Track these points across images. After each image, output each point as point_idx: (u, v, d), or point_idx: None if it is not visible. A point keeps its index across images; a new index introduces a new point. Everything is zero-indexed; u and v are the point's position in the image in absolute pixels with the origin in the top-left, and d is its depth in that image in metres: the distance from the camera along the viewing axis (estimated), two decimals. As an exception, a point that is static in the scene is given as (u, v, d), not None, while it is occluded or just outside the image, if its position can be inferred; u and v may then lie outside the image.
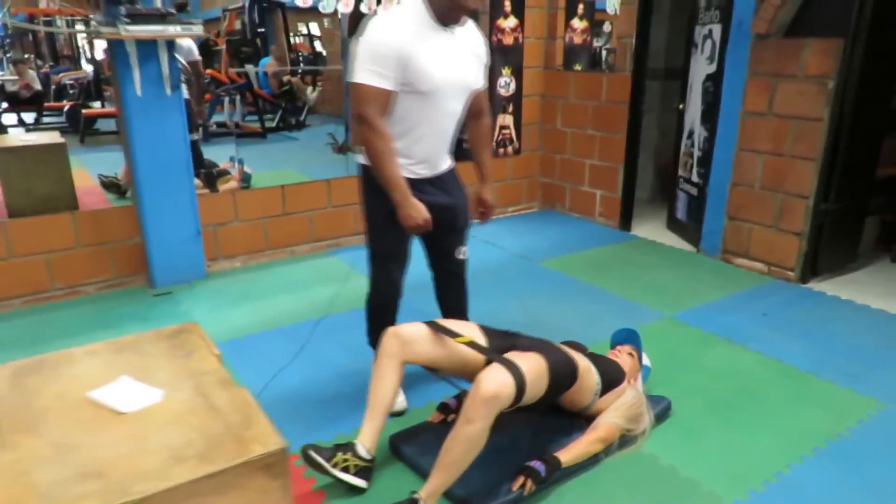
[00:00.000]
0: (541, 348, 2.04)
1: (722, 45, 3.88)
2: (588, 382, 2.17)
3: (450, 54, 2.11)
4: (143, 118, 3.35)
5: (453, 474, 1.80)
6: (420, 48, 2.03)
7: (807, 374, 2.70)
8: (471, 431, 1.76)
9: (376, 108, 2.03)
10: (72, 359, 1.66)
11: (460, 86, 2.19)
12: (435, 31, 2.07)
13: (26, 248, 3.36)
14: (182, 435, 1.33)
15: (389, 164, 2.07)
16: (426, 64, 2.04)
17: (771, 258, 3.82)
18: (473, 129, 2.43)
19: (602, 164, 4.76)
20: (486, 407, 1.75)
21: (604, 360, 2.33)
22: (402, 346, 2.03)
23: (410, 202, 2.11)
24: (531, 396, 1.90)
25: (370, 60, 1.99)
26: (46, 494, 1.16)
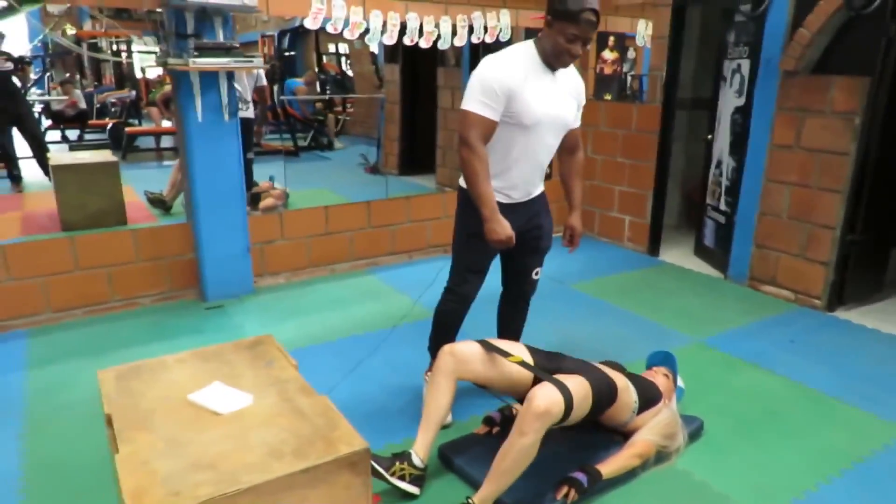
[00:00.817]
0: (584, 370, 2.20)
1: (751, 80, 4.04)
2: (626, 400, 2.31)
3: (551, 94, 2.33)
4: (202, 142, 3.58)
5: (505, 483, 1.95)
6: (526, 86, 2.25)
7: (832, 398, 2.81)
8: (523, 443, 1.91)
9: (479, 133, 2.26)
10: (165, 365, 1.84)
11: (558, 123, 2.40)
12: (541, 72, 2.29)
13: (90, 262, 3.58)
14: (275, 435, 1.50)
15: (483, 182, 2.28)
16: (530, 101, 2.27)
17: (798, 286, 3.93)
18: (566, 162, 2.66)
19: (631, 191, 4.92)
20: (539, 421, 1.90)
21: (642, 379, 2.47)
22: (457, 364, 2.19)
23: (497, 218, 2.30)
24: (577, 415, 2.05)
25: (480, 92, 2.22)
26: (167, 481, 1.33)
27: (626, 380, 2.36)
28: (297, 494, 1.39)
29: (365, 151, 8.28)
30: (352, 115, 10.87)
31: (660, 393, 2.43)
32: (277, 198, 5.56)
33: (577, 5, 2.11)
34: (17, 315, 3.44)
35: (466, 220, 2.49)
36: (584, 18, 2.12)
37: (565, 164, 2.68)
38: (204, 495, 1.29)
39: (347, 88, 11.30)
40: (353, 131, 10.79)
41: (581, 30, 2.15)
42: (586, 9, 2.11)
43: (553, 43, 2.21)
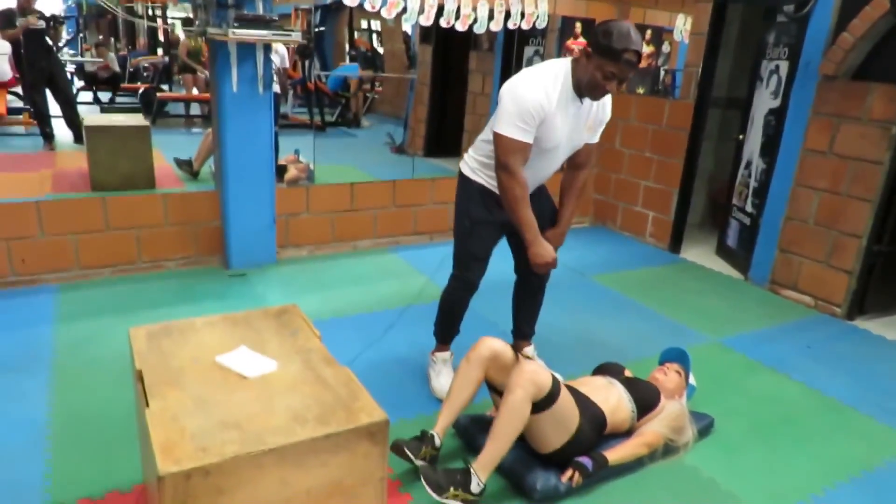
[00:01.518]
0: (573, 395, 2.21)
1: (788, 82, 3.99)
2: (620, 416, 2.33)
3: (576, 122, 2.35)
4: (236, 113, 3.62)
5: (502, 445, 1.98)
6: (557, 114, 2.27)
7: (848, 407, 2.81)
8: (513, 399, 1.96)
9: (520, 158, 2.28)
10: (195, 327, 1.90)
11: (573, 143, 2.43)
12: (571, 99, 2.29)
13: (120, 223, 3.66)
14: (300, 401, 1.55)
15: (525, 208, 2.32)
16: (556, 129, 2.29)
17: (819, 293, 3.91)
18: (569, 176, 2.63)
19: (657, 187, 4.90)
20: (525, 378, 1.96)
21: (639, 384, 2.47)
22: (493, 360, 2.22)
23: (540, 241, 2.36)
24: (562, 420, 2.08)
25: (518, 117, 2.22)
26: (195, 437, 1.39)
27: (619, 393, 2.37)
28: (318, 459, 1.44)
29: (392, 131, 8.29)
30: (380, 93, 10.86)
31: (658, 394, 2.44)
32: (301, 171, 5.60)
33: (621, 44, 2.08)
34: (48, 270, 3.53)
35: (469, 208, 2.51)
36: (625, 59, 2.10)
37: (567, 177, 2.64)
38: (230, 453, 1.34)
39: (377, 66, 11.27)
40: (381, 110, 10.79)
41: (620, 69, 2.13)
42: (630, 49, 2.09)
43: (590, 76, 2.19)
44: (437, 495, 1.92)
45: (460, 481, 1.95)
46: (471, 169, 2.54)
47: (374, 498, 1.56)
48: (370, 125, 9.56)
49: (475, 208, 2.51)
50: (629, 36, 2.09)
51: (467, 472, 1.97)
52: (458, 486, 1.94)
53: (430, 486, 1.91)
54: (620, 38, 2.08)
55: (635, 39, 2.10)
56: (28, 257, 3.47)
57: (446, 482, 1.93)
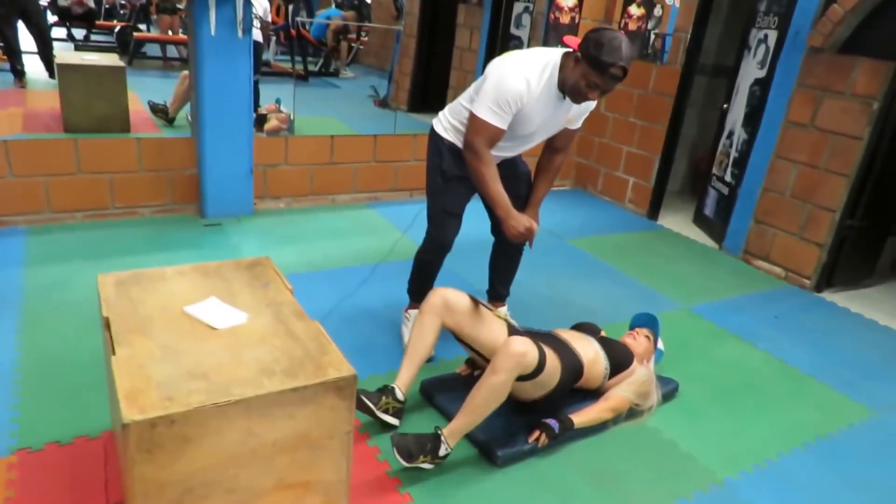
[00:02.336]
0: (555, 349, 2.23)
1: (775, 53, 3.96)
2: (595, 371, 2.36)
3: (556, 115, 2.35)
4: (213, 57, 3.52)
5: (475, 419, 2.01)
6: (535, 106, 2.27)
7: (807, 375, 2.90)
8: (495, 381, 1.97)
9: (487, 140, 2.30)
10: (165, 276, 1.88)
11: (550, 131, 2.45)
12: (554, 96, 2.29)
13: (93, 167, 3.57)
14: (268, 353, 1.55)
15: (494, 184, 2.35)
16: (533, 118, 2.31)
17: (790, 264, 3.97)
18: (545, 159, 2.63)
19: (639, 153, 4.89)
20: (512, 360, 1.96)
21: (614, 344, 2.51)
22: (446, 308, 2.24)
23: (512, 214, 2.37)
24: (544, 382, 2.10)
25: (495, 101, 2.22)
26: (161, 386, 1.39)
27: (596, 348, 2.40)
28: (285, 411, 1.45)
29: (376, 83, 8.14)
30: (366, 44, 10.61)
31: (631, 356, 2.49)
32: (282, 121, 5.50)
33: (609, 58, 2.05)
34: (17, 212, 3.45)
35: (441, 164, 2.50)
36: (611, 73, 2.08)
37: (544, 159, 2.64)
38: (195, 403, 1.35)
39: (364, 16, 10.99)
40: (366, 61, 10.57)
41: (605, 82, 2.12)
42: (617, 65, 2.06)
43: (574, 82, 2.18)
44: (408, 463, 1.94)
45: (430, 449, 1.97)
46: (443, 128, 2.52)
47: (340, 451, 1.58)
48: (354, 76, 9.38)
49: (447, 164, 2.50)
50: (619, 50, 2.06)
51: (437, 438, 1.99)
52: (427, 454, 1.97)
53: (402, 455, 1.93)
54: (611, 52, 2.05)
55: (626, 55, 2.07)
56: (-4, 198, 3.39)
57: (417, 451, 1.96)
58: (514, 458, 2.13)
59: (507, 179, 2.50)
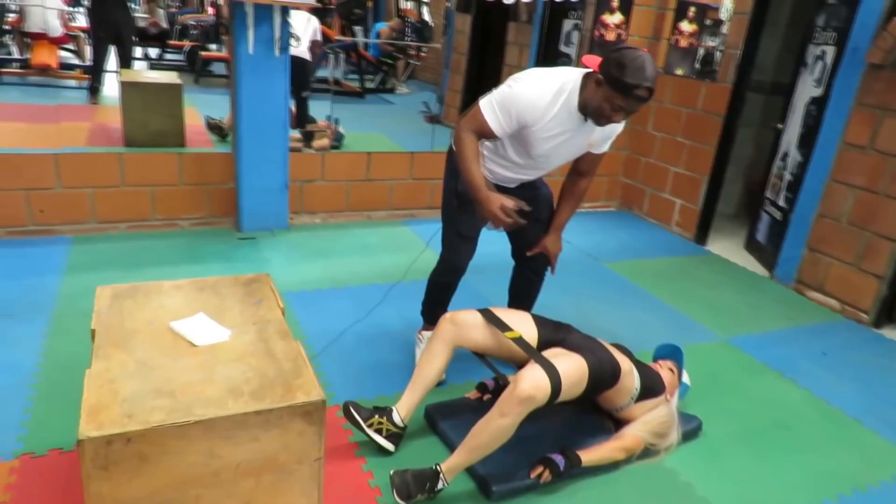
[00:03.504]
0: (588, 348, 2.13)
1: (833, 70, 3.72)
2: (627, 385, 2.23)
3: (571, 134, 2.22)
4: (251, 74, 3.61)
5: (476, 457, 1.94)
6: (548, 124, 2.16)
7: (852, 419, 2.66)
8: (501, 424, 1.88)
9: (474, 128, 2.21)
10: (161, 290, 1.90)
11: (570, 155, 2.35)
12: (572, 119, 2.17)
13: (136, 179, 3.72)
14: (242, 373, 1.53)
15: (473, 167, 2.21)
16: (545, 140, 2.21)
17: (846, 297, 3.69)
18: (569, 184, 2.54)
19: (686, 174, 4.69)
20: (520, 406, 1.87)
21: (647, 368, 2.38)
22: (457, 331, 2.17)
23: (489, 198, 2.21)
24: (568, 397, 2.00)
25: (499, 106, 2.15)
26: (125, 402, 1.39)
27: (631, 364, 2.28)
28: (249, 434, 1.43)
29: (429, 99, 8.18)
30: (424, 59, 10.71)
31: (662, 386, 2.35)
32: (329, 136, 5.59)
33: (633, 79, 1.95)
34: (64, 221, 3.62)
35: (457, 186, 2.42)
36: (635, 95, 1.97)
37: (568, 182, 2.55)
38: (155, 421, 1.34)
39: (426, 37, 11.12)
40: (423, 77, 10.67)
41: (629, 104, 2.01)
42: (643, 86, 1.96)
43: (597, 105, 2.07)
44: (406, 503, 1.89)
45: (429, 487, 1.90)
46: None
47: (310, 477, 1.54)
48: (409, 92, 9.47)
49: (463, 186, 2.41)
50: (643, 71, 1.95)
51: (436, 475, 1.92)
52: (425, 492, 1.90)
53: (401, 496, 1.87)
54: (634, 73, 1.94)
55: (649, 75, 1.96)
56: (46, 208, 3.57)
57: (416, 490, 1.89)
58: (510, 493, 2.03)
59: (529, 202, 2.43)
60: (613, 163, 5.16)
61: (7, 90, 7.14)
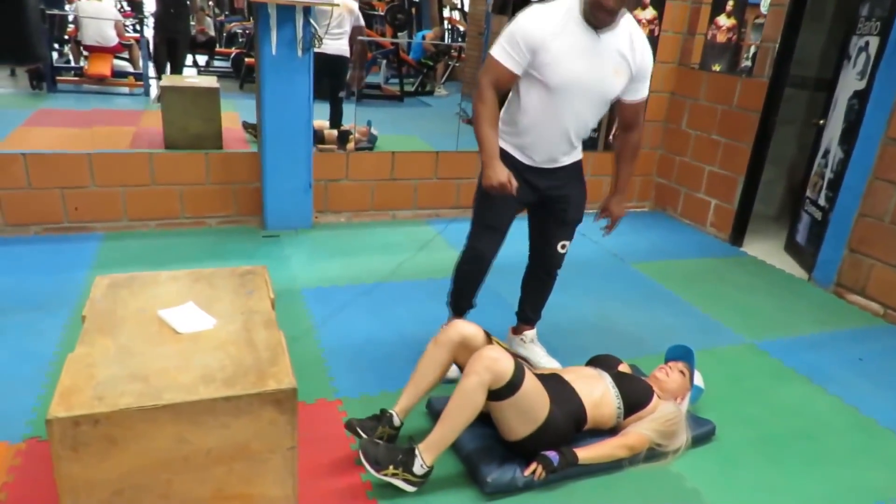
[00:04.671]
0: (556, 399, 2.06)
1: (876, 61, 3.53)
2: (603, 412, 2.19)
3: (588, 56, 2.13)
4: (274, 75, 3.67)
5: (449, 429, 1.90)
6: (556, 42, 2.09)
7: (884, 429, 2.49)
8: (466, 384, 1.86)
9: (491, 78, 2.17)
10: (157, 280, 1.94)
11: (593, 90, 2.20)
12: (581, 30, 2.11)
13: (165, 179, 3.83)
14: (218, 360, 1.54)
15: (485, 126, 2.18)
16: (559, 58, 2.11)
17: (889, 300, 3.48)
18: (619, 140, 2.48)
19: (721, 173, 4.52)
20: (482, 364, 1.86)
21: (631, 381, 2.29)
22: (461, 345, 2.13)
23: (493, 164, 2.17)
24: (527, 410, 1.96)
25: (506, 40, 2.14)
26: (99, 385, 1.41)
27: (604, 387, 2.22)
28: (218, 420, 1.43)
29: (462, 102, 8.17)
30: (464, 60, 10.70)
31: (651, 394, 2.26)
32: (362, 134, 5.62)
33: None
34: (97, 219, 3.76)
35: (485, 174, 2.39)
36: None
37: (618, 142, 2.50)
38: (123, 404, 1.36)
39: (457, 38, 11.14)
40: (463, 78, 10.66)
41: None
42: None
43: None
44: (375, 472, 1.87)
45: (402, 460, 1.88)
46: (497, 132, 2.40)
47: (283, 466, 1.53)
48: (447, 94, 9.48)
49: None
50: None
51: (411, 452, 1.90)
52: (398, 465, 1.88)
53: (369, 461, 1.86)
54: None
55: None
56: (80, 206, 3.71)
57: (386, 459, 1.88)
58: (503, 488, 1.98)
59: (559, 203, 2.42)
60: (647, 162, 5.02)
61: (63, 97, 7.49)
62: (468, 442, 2.08)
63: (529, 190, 2.36)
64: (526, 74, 2.17)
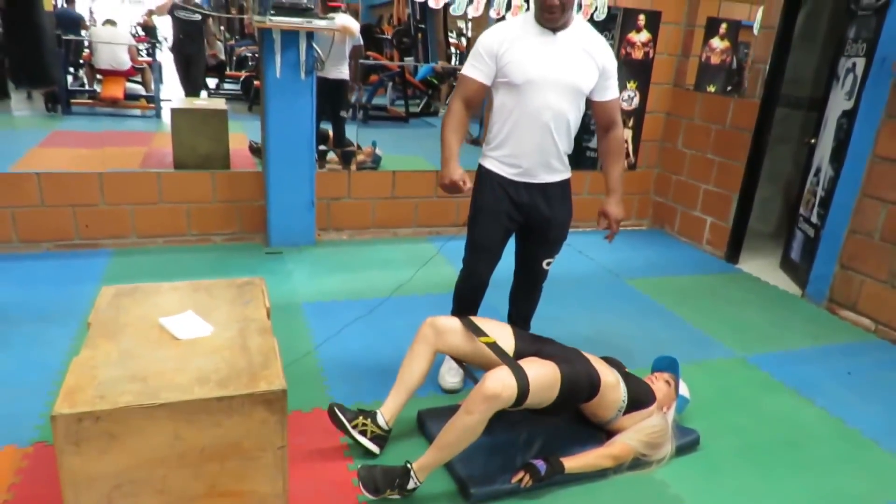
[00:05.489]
0: (563, 358, 2.14)
1: (862, 81, 3.62)
2: (612, 397, 2.23)
3: (547, 53, 2.28)
4: (278, 97, 3.81)
5: (445, 455, 1.97)
6: (516, 45, 2.27)
7: (868, 439, 2.54)
8: (467, 422, 1.91)
9: (462, 93, 2.36)
10: (160, 290, 2.04)
11: (560, 81, 2.29)
12: (537, 33, 2.29)
13: (173, 197, 3.96)
14: (213, 364, 1.63)
15: (447, 132, 2.36)
16: (520, 59, 2.27)
17: (880, 316, 3.53)
18: (602, 142, 2.57)
19: (716, 191, 4.60)
20: (485, 403, 1.89)
21: (636, 380, 2.37)
22: (436, 335, 2.23)
23: (448, 164, 2.33)
24: (537, 401, 2.01)
25: (471, 57, 2.34)
26: (101, 385, 1.51)
27: (617, 377, 2.28)
28: (212, 419, 1.52)
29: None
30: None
31: (652, 398, 2.33)
32: (367, 154, 5.75)
33: None
34: (107, 235, 3.89)
35: (476, 196, 2.50)
36: None
37: (600, 145, 2.59)
38: (123, 402, 1.45)
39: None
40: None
41: None
42: None
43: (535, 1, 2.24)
44: (374, 496, 1.93)
45: (399, 483, 1.94)
46: (482, 154, 2.52)
47: (274, 465, 1.61)
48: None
49: (480, 195, 2.49)
50: None
51: (406, 473, 1.95)
52: (395, 488, 1.94)
53: (368, 489, 1.92)
54: None
55: None
56: (91, 223, 3.84)
57: (384, 484, 1.93)
58: (489, 497, 2.04)
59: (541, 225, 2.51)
60: (645, 181, 5.11)
61: (77, 119, 7.70)
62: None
63: (514, 208, 2.44)
64: (495, 84, 2.32)
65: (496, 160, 2.43)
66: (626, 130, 4.89)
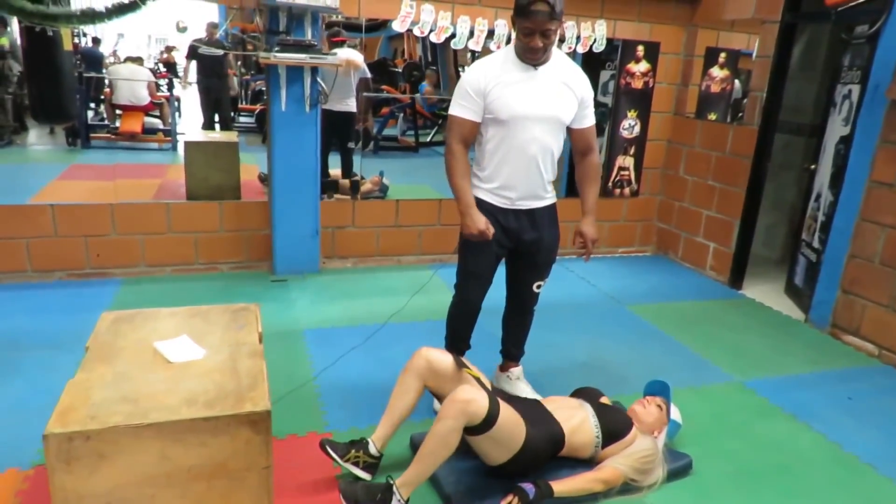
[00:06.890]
0: (531, 418, 2.17)
1: (858, 108, 3.66)
2: (581, 439, 2.27)
3: (531, 89, 2.36)
4: (284, 130, 3.93)
5: (425, 468, 1.99)
6: (499, 81, 2.35)
7: (865, 465, 2.52)
8: (441, 428, 1.95)
9: (456, 134, 2.40)
10: (157, 316, 2.12)
11: (544, 115, 2.39)
12: (519, 69, 2.36)
13: (181, 227, 4.07)
14: (202, 385, 1.69)
15: (458, 177, 2.40)
16: (505, 96, 2.34)
17: (883, 341, 3.51)
18: (578, 166, 2.63)
19: (718, 217, 4.63)
20: (456, 407, 1.94)
21: (611, 412, 2.39)
22: (429, 370, 2.27)
23: (470, 213, 2.38)
24: (503, 440, 2.05)
25: (458, 97, 2.39)
26: (93, 406, 1.57)
27: (584, 415, 2.31)
28: (198, 439, 1.57)
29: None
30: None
31: (630, 425, 2.34)
32: (374, 183, 5.86)
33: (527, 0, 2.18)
34: (118, 265, 4.00)
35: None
36: (532, 11, 2.17)
37: (578, 169, 2.63)
38: (112, 422, 1.51)
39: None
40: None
41: (533, 22, 2.20)
42: (536, 2, 2.16)
43: (517, 40, 2.30)
44: None
45: (381, 499, 1.97)
46: (472, 185, 2.55)
47: (260, 485, 1.66)
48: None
49: None
50: None
51: (389, 489, 1.98)
52: (375, 502, 1.97)
53: (348, 501, 1.96)
54: None
55: None
56: (102, 252, 3.95)
57: (366, 498, 1.97)
58: (478, 520, 2.07)
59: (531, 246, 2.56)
60: (648, 208, 5.15)
61: (96, 152, 7.94)
62: (446, 476, 2.18)
63: (503, 234, 2.50)
64: (483, 120, 2.39)
65: (485, 190, 2.49)
66: (627, 158, 4.96)
